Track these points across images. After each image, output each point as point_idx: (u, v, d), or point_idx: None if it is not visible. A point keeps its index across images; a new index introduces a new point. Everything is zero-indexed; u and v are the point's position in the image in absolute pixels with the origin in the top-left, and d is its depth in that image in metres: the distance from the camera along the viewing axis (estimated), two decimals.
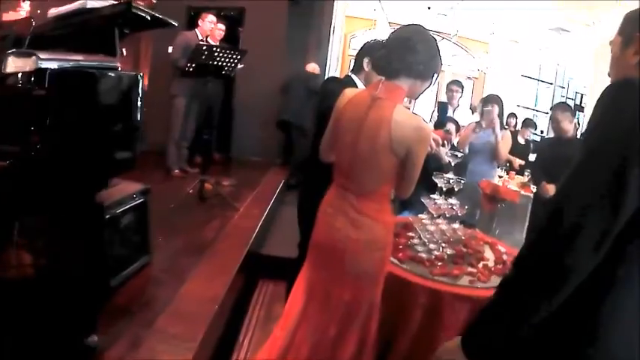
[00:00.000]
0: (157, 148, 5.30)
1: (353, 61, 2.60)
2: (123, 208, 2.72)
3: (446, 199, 2.40)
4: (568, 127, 3.82)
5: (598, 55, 7.34)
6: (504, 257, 2.41)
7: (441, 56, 1.82)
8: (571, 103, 12.45)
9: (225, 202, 4.31)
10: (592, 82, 7.49)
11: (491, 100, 4.24)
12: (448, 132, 4.04)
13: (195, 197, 4.36)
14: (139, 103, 2.19)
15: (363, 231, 1.75)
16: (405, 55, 1.71)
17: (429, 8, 10.02)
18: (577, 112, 13.14)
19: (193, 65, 4.22)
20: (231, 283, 2.79)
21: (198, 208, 4.23)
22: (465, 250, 2.43)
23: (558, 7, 7.11)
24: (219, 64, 4.28)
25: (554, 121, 3.89)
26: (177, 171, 5.36)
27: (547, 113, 11.79)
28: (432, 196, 2.41)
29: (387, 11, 9.33)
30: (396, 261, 2.12)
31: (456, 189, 2.42)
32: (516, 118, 7.79)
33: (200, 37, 5.18)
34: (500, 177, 5.33)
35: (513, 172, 5.77)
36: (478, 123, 4.24)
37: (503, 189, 4.18)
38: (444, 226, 2.38)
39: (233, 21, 6.15)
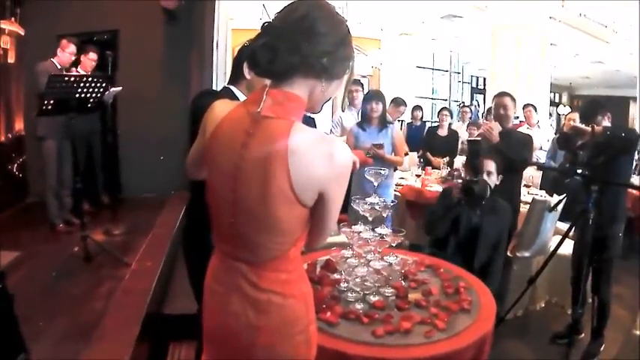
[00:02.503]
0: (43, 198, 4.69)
1: (230, 72, 2.07)
2: None
3: (374, 230, 1.96)
4: (512, 116, 3.64)
5: (495, 36, 7.39)
6: (456, 285, 2.02)
7: (351, 41, 1.24)
8: (467, 87, 12.87)
9: (114, 259, 3.62)
10: (491, 62, 7.50)
11: (373, 96, 3.92)
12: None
13: (80, 257, 3.68)
14: None
15: (271, 314, 1.19)
16: (299, 42, 1.13)
17: None
18: (474, 94, 13.67)
19: (51, 102, 3.49)
20: None
21: (84, 271, 3.57)
22: (405, 284, 2.01)
23: None
24: (83, 95, 3.58)
25: (501, 108, 3.53)
26: (61, 225, 4.59)
27: (445, 100, 12.07)
28: (354, 227, 1.96)
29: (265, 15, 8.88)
30: (325, 325, 1.63)
31: (384, 215, 1.99)
32: (422, 111, 7.64)
33: (59, 67, 4.44)
34: (418, 176, 5.08)
35: (429, 168, 5.54)
36: (359, 123, 3.94)
37: (428, 193, 3.84)
38: (376, 264, 1.93)
39: (107, 46, 5.40)
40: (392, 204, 1.98)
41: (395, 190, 4.27)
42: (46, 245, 4.17)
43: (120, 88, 4.83)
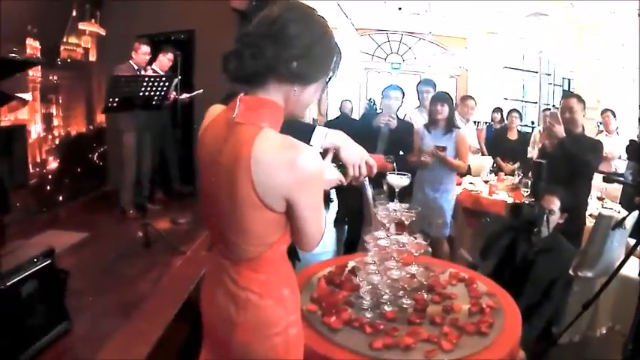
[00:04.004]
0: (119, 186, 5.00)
1: None
2: (22, 275, 2.35)
3: (395, 237, 1.88)
4: (581, 120, 3.33)
5: (581, 34, 6.85)
6: (483, 303, 1.89)
7: (335, 45, 1.22)
8: (559, 90, 12.05)
9: (172, 246, 3.81)
10: (577, 64, 6.96)
11: (439, 98, 3.80)
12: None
13: (141, 242, 3.91)
14: None
15: (248, 312, 1.22)
16: (265, 46, 1.12)
17: (399, 9, 9.60)
18: None
19: (116, 100, 3.74)
20: (154, 350, 2.35)
21: (142, 256, 3.77)
22: (428, 297, 1.92)
23: None
24: (147, 94, 3.81)
25: (567, 111, 3.29)
26: (131, 212, 4.90)
27: (535, 103, 11.38)
28: (375, 233, 1.90)
29: (350, 16, 8.82)
30: (326, 330, 1.61)
31: (406, 222, 1.90)
32: (502, 113, 7.24)
33: (136, 67, 4.77)
34: (486, 182, 4.82)
35: (502, 174, 5.26)
36: (426, 125, 3.83)
37: (485, 200, 3.63)
38: (395, 273, 1.85)
39: (184, 45, 5.68)
40: (414, 211, 1.88)
41: None
42: (114, 229, 4.45)
43: (201, 90, 5.11)
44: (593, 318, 3.17)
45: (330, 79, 1.24)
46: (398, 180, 1.89)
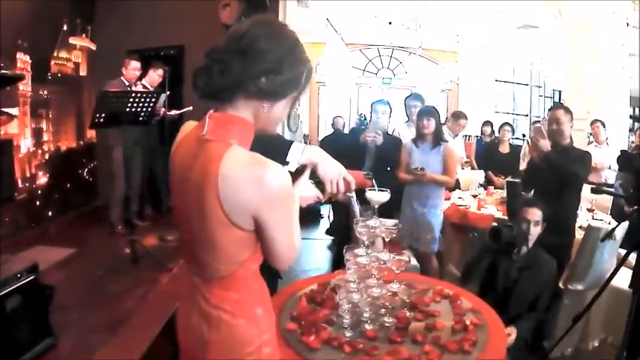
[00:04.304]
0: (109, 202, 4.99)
1: None
2: (5, 290, 2.38)
3: (375, 254, 1.86)
4: (569, 131, 3.27)
5: (571, 43, 6.90)
6: (467, 320, 1.86)
7: (306, 59, 1.21)
8: (549, 101, 12.14)
9: (159, 262, 3.77)
10: (567, 75, 7.00)
11: (425, 112, 3.79)
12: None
13: (129, 259, 3.89)
14: None
15: (221, 331, 1.20)
16: (232, 63, 1.12)
17: (390, 23, 9.63)
18: None
19: (103, 115, 3.74)
20: None
21: (129, 272, 3.74)
22: (410, 315, 1.89)
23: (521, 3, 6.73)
24: (132, 109, 3.81)
25: (554, 123, 3.23)
26: (119, 227, 4.85)
27: (526, 115, 11.45)
28: (355, 251, 1.88)
29: (340, 31, 8.83)
30: (304, 349, 1.58)
31: (387, 238, 1.88)
32: (492, 126, 7.26)
33: (127, 83, 4.77)
34: (474, 196, 4.80)
35: (491, 187, 5.25)
36: (414, 139, 3.81)
37: (472, 215, 3.61)
38: (375, 291, 1.83)
39: (174, 60, 5.68)
40: (393, 227, 1.86)
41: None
42: (103, 245, 4.43)
43: (190, 108, 5.09)
44: (585, 331, 3.14)
45: (300, 93, 1.23)
46: (377, 196, 1.86)
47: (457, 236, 3.80)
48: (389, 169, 3.77)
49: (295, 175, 1.42)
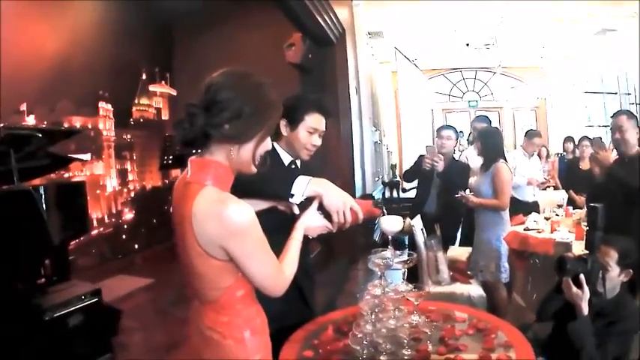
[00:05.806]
0: None
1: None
2: (68, 309, 2.77)
3: (393, 285, 1.86)
4: (635, 139, 2.87)
5: None
6: (493, 356, 1.76)
7: (271, 102, 1.33)
8: None
9: None
10: None
11: (482, 134, 3.69)
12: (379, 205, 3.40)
13: None
14: None
15: (212, 351, 1.36)
16: (197, 114, 1.26)
17: (467, 45, 9.41)
18: None
19: (171, 157, 4.08)
20: None
21: None
22: (432, 349, 1.84)
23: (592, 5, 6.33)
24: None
25: (617, 131, 2.87)
26: None
27: None
28: (371, 283, 1.89)
29: (418, 57, 8.78)
30: None
31: (402, 270, 1.88)
32: (574, 142, 6.81)
33: None
34: (547, 219, 4.49)
35: (570, 208, 4.90)
36: (481, 166, 3.66)
37: (533, 240, 3.39)
38: (391, 322, 1.82)
39: None
40: (408, 259, 1.86)
41: None
42: (180, 277, 4.71)
43: None
44: None
45: (268, 133, 1.35)
46: (389, 225, 1.86)
47: (519, 264, 3.58)
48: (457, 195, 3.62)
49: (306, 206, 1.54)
